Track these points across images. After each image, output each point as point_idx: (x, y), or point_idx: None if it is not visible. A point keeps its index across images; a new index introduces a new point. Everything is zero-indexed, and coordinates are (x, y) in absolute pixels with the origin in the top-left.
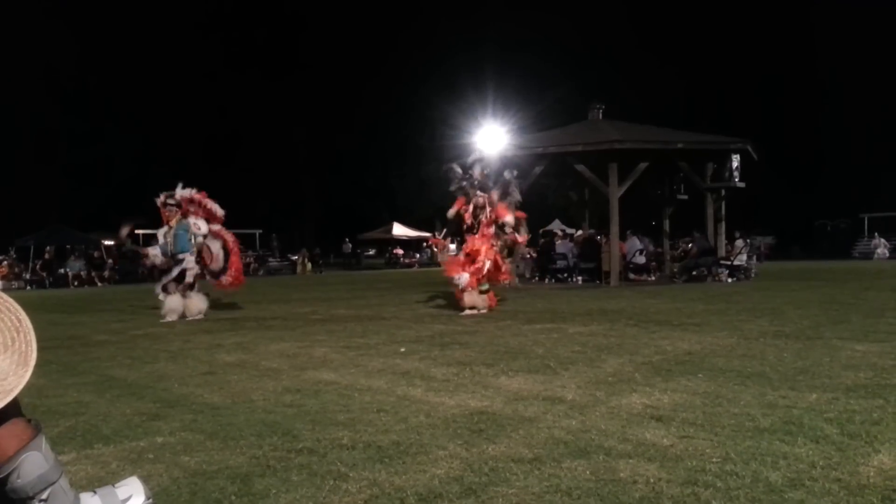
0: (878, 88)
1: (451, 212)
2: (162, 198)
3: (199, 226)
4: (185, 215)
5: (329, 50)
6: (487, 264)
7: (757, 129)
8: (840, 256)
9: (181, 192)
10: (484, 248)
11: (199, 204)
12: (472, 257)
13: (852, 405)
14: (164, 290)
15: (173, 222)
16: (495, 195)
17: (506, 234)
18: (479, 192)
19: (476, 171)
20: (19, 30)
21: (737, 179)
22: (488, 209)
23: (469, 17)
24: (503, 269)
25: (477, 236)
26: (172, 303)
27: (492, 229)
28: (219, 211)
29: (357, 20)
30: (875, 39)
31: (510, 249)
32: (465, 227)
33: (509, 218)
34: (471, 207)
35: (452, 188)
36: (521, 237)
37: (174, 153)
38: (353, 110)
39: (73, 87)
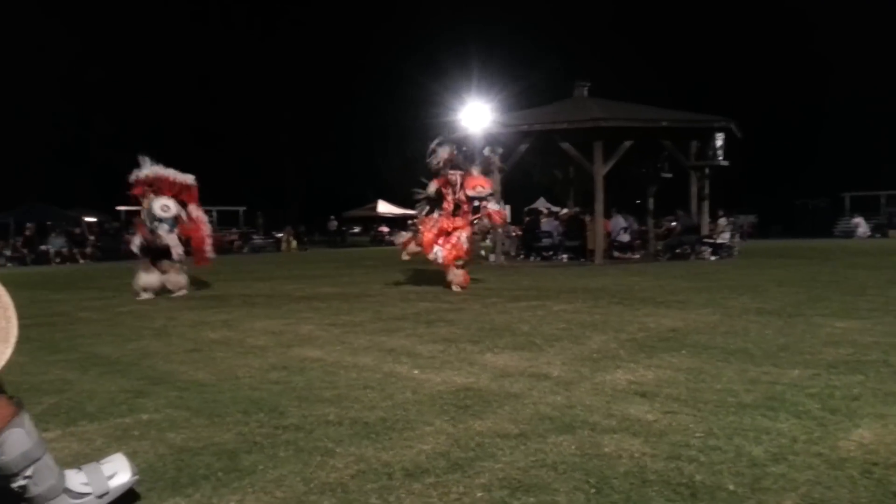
0: (860, 68)
1: (431, 189)
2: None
3: (169, 206)
4: (156, 194)
5: (311, 28)
6: (463, 237)
7: (740, 107)
8: (821, 235)
9: (146, 172)
10: (463, 224)
11: (164, 182)
12: (448, 233)
13: (833, 381)
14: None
15: (146, 203)
16: (474, 171)
17: (481, 203)
18: (451, 171)
19: (445, 151)
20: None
21: (720, 158)
22: (459, 185)
23: None
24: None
25: (458, 215)
26: (149, 279)
27: (473, 204)
28: (186, 179)
29: None
30: (857, 19)
31: (488, 226)
32: (445, 205)
33: (480, 188)
34: (450, 187)
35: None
36: (495, 209)
37: (158, 133)
38: (337, 88)
39: (55, 68)
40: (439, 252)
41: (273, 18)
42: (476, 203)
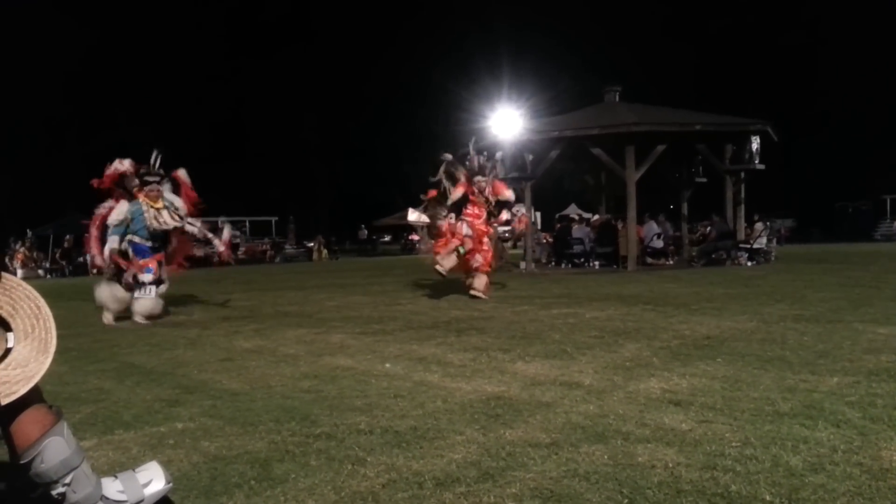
0: None
1: (457, 195)
2: (132, 167)
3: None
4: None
5: (341, 34)
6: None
7: (777, 109)
8: (861, 239)
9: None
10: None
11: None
12: (479, 239)
13: (874, 389)
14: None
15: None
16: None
17: (499, 215)
18: (479, 177)
19: (474, 158)
20: (29, 19)
21: (756, 161)
22: (488, 190)
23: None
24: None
25: (480, 221)
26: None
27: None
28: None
29: (369, 4)
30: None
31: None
32: (475, 211)
33: (509, 193)
34: (477, 191)
35: (441, 173)
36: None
37: (186, 140)
38: (366, 95)
39: (83, 76)
40: (478, 258)
41: (302, 23)
42: (512, 212)
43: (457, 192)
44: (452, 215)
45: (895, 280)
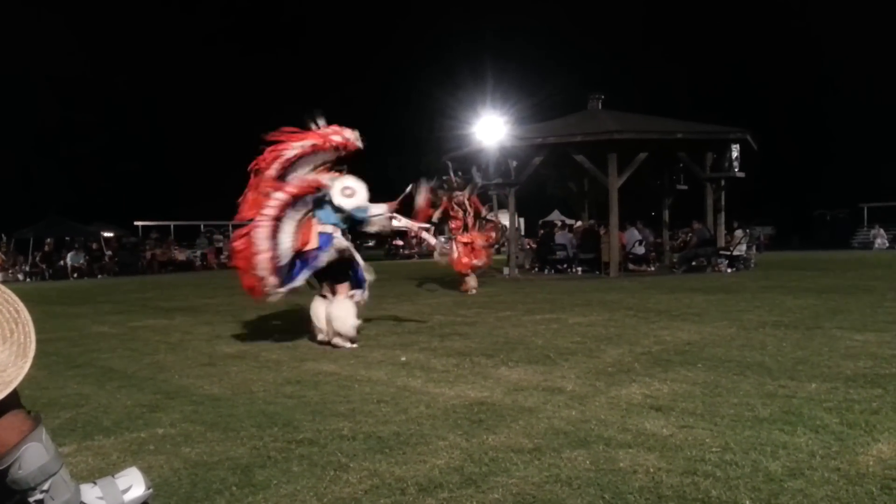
0: (879, 77)
1: (438, 213)
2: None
3: (352, 188)
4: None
5: (327, 40)
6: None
7: (757, 118)
8: (839, 246)
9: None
10: (479, 238)
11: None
12: (473, 246)
13: (851, 394)
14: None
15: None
16: (467, 192)
17: (489, 221)
18: (457, 193)
19: (452, 178)
20: (16, 20)
21: (736, 169)
22: (467, 204)
23: (468, 7)
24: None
25: (472, 230)
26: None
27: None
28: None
29: (355, 9)
30: (875, 27)
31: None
32: (453, 224)
33: (483, 210)
34: (456, 206)
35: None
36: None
37: (174, 142)
38: (351, 100)
39: (69, 78)
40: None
41: (290, 28)
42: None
43: (437, 212)
44: (442, 238)
45: (872, 287)
